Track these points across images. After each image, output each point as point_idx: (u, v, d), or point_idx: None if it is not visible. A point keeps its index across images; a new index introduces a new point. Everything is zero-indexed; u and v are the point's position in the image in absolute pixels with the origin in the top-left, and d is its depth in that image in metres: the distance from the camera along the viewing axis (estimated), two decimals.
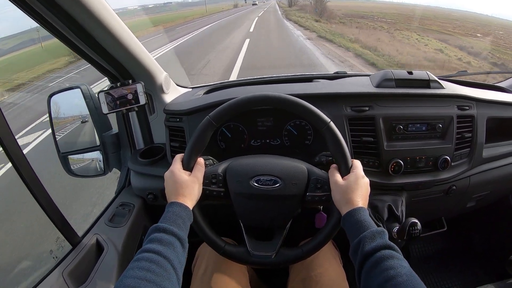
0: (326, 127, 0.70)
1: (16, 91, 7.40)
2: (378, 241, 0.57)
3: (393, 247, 0.56)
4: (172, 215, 0.61)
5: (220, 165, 0.74)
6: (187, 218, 0.63)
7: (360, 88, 0.96)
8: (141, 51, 0.89)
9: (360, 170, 0.69)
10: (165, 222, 0.59)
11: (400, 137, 0.94)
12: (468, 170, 1.02)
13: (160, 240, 0.56)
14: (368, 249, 0.56)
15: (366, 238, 0.57)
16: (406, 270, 0.52)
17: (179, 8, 54.55)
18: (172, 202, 0.64)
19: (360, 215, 0.62)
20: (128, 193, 1.05)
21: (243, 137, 1.00)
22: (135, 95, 0.91)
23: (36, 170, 0.73)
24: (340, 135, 0.70)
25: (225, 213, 0.79)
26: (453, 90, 1.00)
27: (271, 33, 13.80)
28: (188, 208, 0.64)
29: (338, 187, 0.67)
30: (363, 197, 0.66)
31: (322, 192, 0.71)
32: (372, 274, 0.54)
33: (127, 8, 21.76)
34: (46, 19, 0.67)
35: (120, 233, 0.92)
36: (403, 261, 0.54)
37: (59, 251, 1.16)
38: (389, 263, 0.53)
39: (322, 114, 0.71)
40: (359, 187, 0.66)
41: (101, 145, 1.02)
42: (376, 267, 0.53)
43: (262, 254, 0.73)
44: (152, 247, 0.54)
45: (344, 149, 0.69)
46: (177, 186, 0.66)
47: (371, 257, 0.55)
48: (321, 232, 0.72)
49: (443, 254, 1.51)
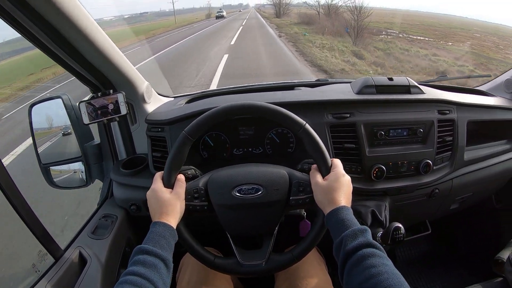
0: (302, 129, 0.70)
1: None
2: (360, 239, 0.57)
3: (375, 245, 0.56)
4: (156, 235, 0.61)
5: (201, 179, 0.74)
6: (171, 237, 0.63)
7: (341, 95, 0.97)
8: (123, 60, 0.88)
9: (340, 168, 0.70)
10: (148, 243, 0.59)
11: (381, 143, 0.95)
12: (450, 173, 1.04)
13: (143, 262, 0.56)
14: (350, 248, 0.56)
15: (348, 236, 0.58)
16: (388, 268, 0.51)
17: (155, 18, 49.02)
18: (155, 222, 0.64)
19: (343, 214, 0.62)
20: (111, 204, 1.04)
21: (226, 146, 1.00)
22: (116, 105, 0.90)
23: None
24: (316, 136, 0.70)
25: (207, 223, 0.79)
26: (433, 95, 1.01)
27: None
28: (172, 227, 0.64)
29: (319, 187, 0.67)
30: (345, 196, 0.66)
31: (305, 195, 0.71)
32: (354, 272, 0.54)
33: (103, 19, 20.11)
34: (27, 29, 0.66)
35: (103, 245, 0.91)
36: (385, 259, 0.54)
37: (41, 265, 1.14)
38: (370, 261, 0.53)
39: (297, 117, 0.71)
40: (341, 186, 0.66)
41: (83, 156, 1.00)
42: (357, 265, 0.54)
43: (252, 263, 0.72)
44: (136, 270, 0.54)
45: (322, 149, 0.69)
46: (159, 205, 0.66)
47: (353, 256, 0.55)
48: (309, 234, 0.72)
49: (429, 257, 1.53)
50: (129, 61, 0.91)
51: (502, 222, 1.36)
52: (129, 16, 46.56)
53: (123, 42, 14.75)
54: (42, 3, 0.61)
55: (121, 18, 38.81)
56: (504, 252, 1.10)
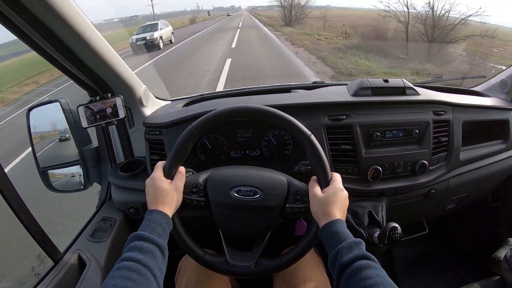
0: (307, 139, 0.71)
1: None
2: (355, 251, 0.58)
3: (370, 257, 0.57)
4: (152, 223, 0.61)
5: (201, 175, 0.74)
6: (167, 225, 0.63)
7: (336, 97, 0.98)
8: (120, 64, 0.89)
9: (339, 183, 0.70)
10: (144, 230, 0.59)
11: (377, 144, 0.96)
12: (446, 173, 1.05)
13: (140, 249, 0.56)
14: (345, 260, 0.57)
15: (343, 249, 0.58)
16: (383, 279, 0.53)
17: (145, 21, 43.96)
18: (152, 210, 0.64)
19: (337, 227, 0.63)
20: (109, 207, 1.04)
21: (223, 149, 1.00)
22: (114, 109, 0.91)
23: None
24: (320, 148, 0.71)
25: (206, 225, 0.80)
26: (428, 96, 1.02)
27: None
28: (168, 216, 0.65)
29: (316, 199, 0.68)
30: (341, 210, 0.67)
31: (301, 204, 0.72)
32: (350, 284, 0.54)
33: (93, 22, 19.48)
34: (24, 32, 0.67)
35: (102, 248, 0.91)
36: (380, 270, 0.55)
37: (41, 268, 1.14)
38: (366, 273, 0.54)
39: (303, 126, 0.72)
40: (338, 200, 0.67)
41: (81, 159, 1.00)
42: (353, 277, 0.54)
43: (241, 264, 0.73)
44: (132, 256, 0.54)
45: (324, 162, 0.70)
46: (157, 193, 0.67)
47: (348, 268, 0.56)
48: (300, 242, 0.73)
49: (426, 257, 1.54)
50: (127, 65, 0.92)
51: (499, 221, 1.36)
52: (118, 19, 44.69)
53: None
54: (39, 7, 0.62)
55: (110, 21, 37.41)
56: (501, 250, 1.11)
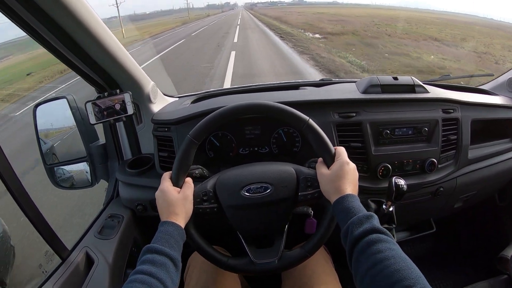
0: (305, 125, 0.70)
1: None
2: (365, 226, 0.56)
3: (381, 230, 0.55)
4: (165, 235, 0.61)
5: (209, 181, 0.73)
6: (179, 237, 0.63)
7: (346, 95, 0.98)
8: (129, 60, 0.88)
9: (345, 156, 0.69)
10: (157, 243, 0.59)
11: (387, 142, 0.96)
12: (454, 171, 1.04)
13: (153, 261, 0.56)
14: (356, 235, 0.55)
15: (353, 223, 0.57)
16: (394, 253, 0.51)
17: (129, 22, 40.97)
18: (164, 222, 0.64)
19: (348, 202, 0.61)
20: (117, 204, 1.04)
21: (232, 146, 1.00)
22: (123, 105, 0.90)
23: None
24: (320, 129, 0.70)
25: (214, 222, 0.79)
26: (437, 94, 1.02)
27: None
28: (180, 227, 0.64)
29: (324, 177, 0.67)
30: (352, 183, 0.65)
31: (313, 189, 0.71)
32: (361, 259, 0.53)
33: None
34: (34, 29, 0.66)
35: (110, 246, 0.90)
36: (392, 244, 0.53)
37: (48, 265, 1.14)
38: (376, 247, 0.52)
39: (300, 113, 0.71)
40: (345, 174, 0.65)
41: (88, 156, 1.00)
42: (364, 252, 0.53)
43: (265, 261, 0.72)
44: (145, 269, 0.54)
45: (325, 140, 0.69)
46: (168, 205, 0.66)
47: (359, 243, 0.55)
48: (320, 228, 0.72)
49: (433, 255, 1.53)
50: (135, 61, 0.91)
51: (506, 220, 1.36)
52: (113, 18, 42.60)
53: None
54: (50, 4, 0.61)
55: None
56: (508, 249, 1.11)
